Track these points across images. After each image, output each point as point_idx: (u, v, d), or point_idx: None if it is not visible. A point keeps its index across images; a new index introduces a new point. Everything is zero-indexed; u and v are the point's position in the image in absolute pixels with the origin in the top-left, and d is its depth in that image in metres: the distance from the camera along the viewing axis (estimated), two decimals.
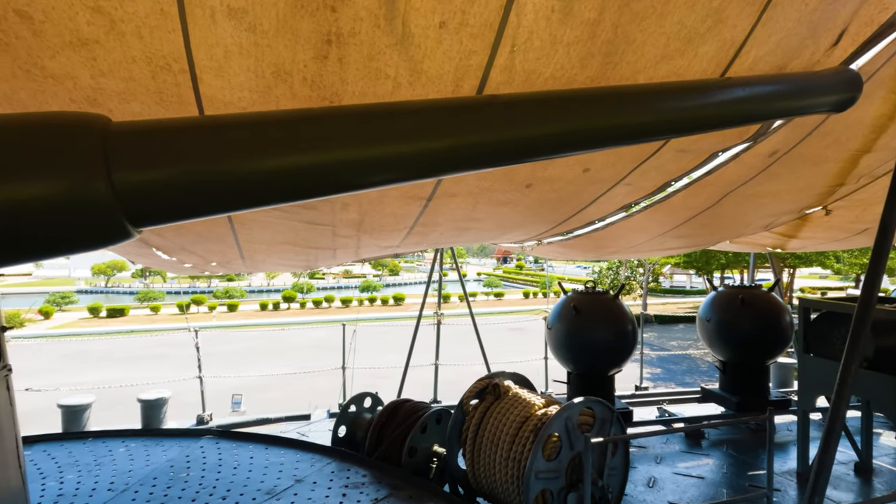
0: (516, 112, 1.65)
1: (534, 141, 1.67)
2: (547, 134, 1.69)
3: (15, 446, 2.46)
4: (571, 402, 3.55)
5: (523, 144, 1.65)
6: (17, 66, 2.23)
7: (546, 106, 1.71)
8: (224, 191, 1.47)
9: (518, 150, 1.66)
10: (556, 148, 1.75)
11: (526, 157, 1.71)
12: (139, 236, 1.46)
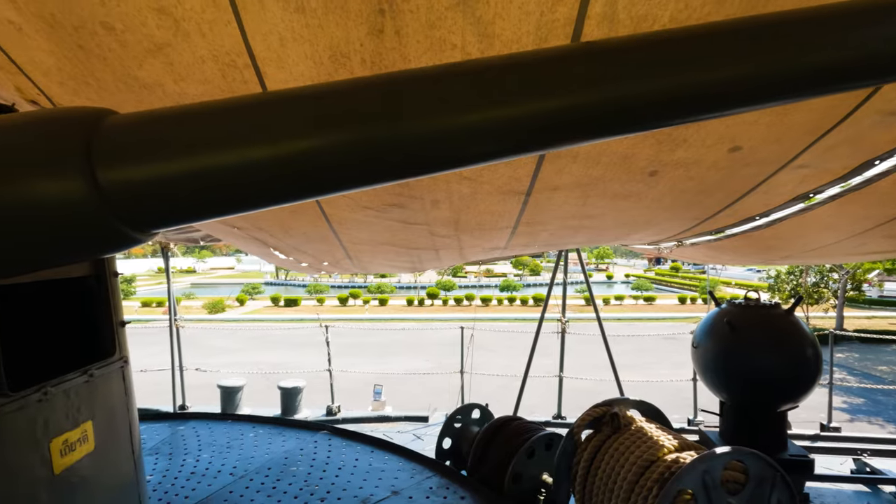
0: (650, 54, 1.07)
1: (682, 94, 1.07)
2: (707, 83, 1.07)
3: (129, 433, 2.65)
4: (713, 452, 2.75)
5: (658, 101, 1.07)
6: (118, 78, 2.38)
7: (709, 41, 1.08)
8: (239, 183, 1.19)
9: (651, 109, 1.09)
10: (724, 102, 1.11)
11: (661, 120, 1.12)
12: (151, 238, 1.32)
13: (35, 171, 1.08)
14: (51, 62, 2.34)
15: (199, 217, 1.25)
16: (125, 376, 2.65)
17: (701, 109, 1.14)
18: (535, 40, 1.91)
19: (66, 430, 2.10)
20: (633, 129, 1.13)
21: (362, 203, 3.16)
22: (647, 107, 1.10)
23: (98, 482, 2.28)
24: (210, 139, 1.12)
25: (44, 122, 1.14)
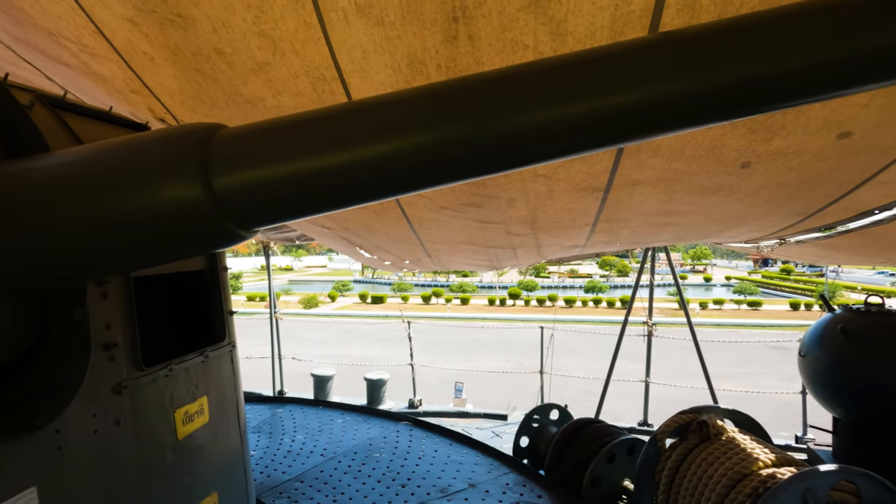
0: (737, 39, 1.00)
1: (774, 79, 0.99)
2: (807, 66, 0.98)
3: (236, 412, 2.98)
4: (816, 469, 2.49)
5: (753, 86, 1.00)
6: (228, 96, 2.70)
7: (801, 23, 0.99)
8: (329, 185, 1.32)
9: (745, 95, 1.02)
10: (824, 85, 1.01)
11: (754, 107, 1.04)
12: (253, 235, 1.50)
13: (164, 179, 1.28)
14: (175, 85, 2.72)
15: (293, 216, 1.40)
16: (233, 359, 2.98)
17: (803, 93, 1.06)
18: (610, 34, 1.88)
19: (187, 402, 2.42)
20: (723, 117, 1.09)
21: (440, 203, 3.28)
22: (739, 94, 1.05)
23: (211, 451, 2.59)
24: (302, 147, 1.26)
25: (168, 139, 1.34)
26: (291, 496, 3.69)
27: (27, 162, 1.45)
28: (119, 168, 1.32)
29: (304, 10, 1.99)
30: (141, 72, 2.70)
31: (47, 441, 1.68)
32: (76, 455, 1.78)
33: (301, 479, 3.95)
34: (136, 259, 1.51)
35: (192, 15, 2.15)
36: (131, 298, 2.09)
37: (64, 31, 2.57)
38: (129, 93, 2.97)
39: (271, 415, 5.51)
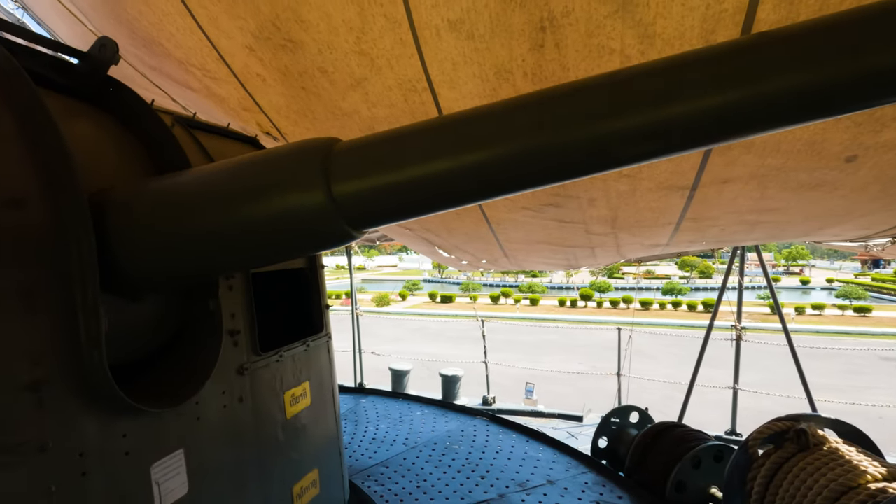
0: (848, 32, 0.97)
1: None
2: None
3: (332, 396, 3.25)
4: None
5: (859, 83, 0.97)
6: (328, 109, 2.97)
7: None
8: (428, 192, 1.44)
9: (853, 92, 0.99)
10: None
11: (858, 104, 1.00)
12: (361, 237, 1.68)
13: (293, 187, 1.48)
14: (282, 102, 3.04)
15: (399, 218, 1.56)
16: (329, 349, 3.25)
17: None
18: (700, 34, 1.88)
19: (293, 386, 2.70)
20: (824, 115, 1.07)
21: (520, 204, 3.37)
22: (843, 93, 1.03)
23: (312, 432, 2.86)
24: (407, 157, 1.41)
25: (295, 153, 1.54)
26: (378, 479, 3.94)
27: (176, 177, 1.72)
28: (256, 180, 1.54)
29: (400, 29, 2.17)
30: (253, 91, 3.05)
31: (190, 412, 1.97)
32: (210, 425, 2.07)
33: (386, 464, 4.20)
34: (266, 256, 1.76)
35: (301, 40, 2.42)
36: (251, 292, 2.38)
37: (192, 59, 2.97)
38: (242, 110, 3.35)
39: (355, 404, 5.86)
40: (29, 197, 1.43)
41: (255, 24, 2.42)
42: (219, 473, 2.06)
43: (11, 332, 1.34)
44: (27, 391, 1.37)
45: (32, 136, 1.49)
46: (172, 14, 2.61)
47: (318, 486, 2.84)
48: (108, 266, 1.57)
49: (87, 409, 1.53)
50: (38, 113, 1.50)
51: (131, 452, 1.67)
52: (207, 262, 1.73)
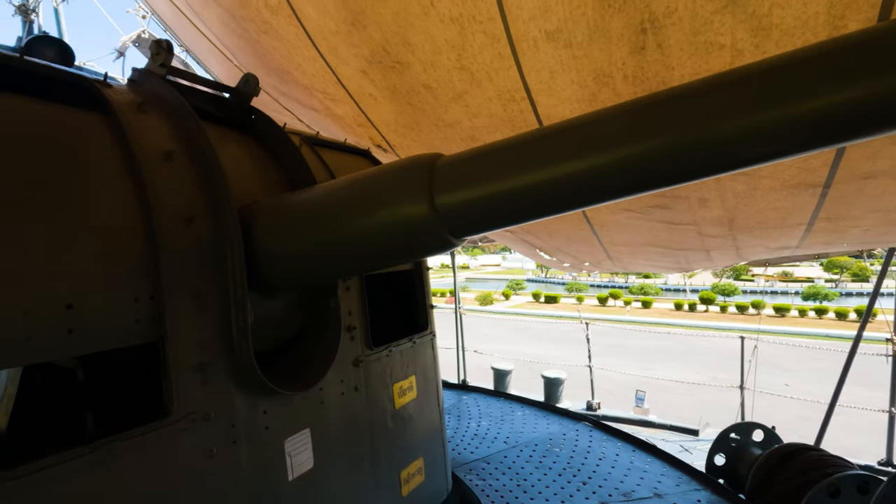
0: None
1: None
2: None
3: (436, 391, 3.44)
4: None
5: None
6: (432, 122, 3.16)
7: None
8: (526, 202, 1.49)
9: None
10: None
11: None
12: (462, 244, 1.81)
13: (401, 200, 1.63)
14: (391, 118, 3.30)
15: (497, 226, 1.65)
16: (433, 347, 3.44)
17: None
18: (826, 20, 1.72)
19: (401, 379, 2.92)
20: None
21: (623, 206, 3.27)
22: None
23: (418, 423, 3.05)
24: (504, 169, 1.49)
25: (403, 169, 1.69)
26: (479, 474, 4.08)
27: (304, 193, 1.98)
28: (368, 195, 1.73)
29: (498, 44, 2.26)
30: (366, 109, 3.35)
31: (315, 397, 2.24)
32: (331, 409, 2.33)
33: (487, 460, 4.32)
34: (378, 262, 1.96)
35: (408, 60, 2.62)
36: (364, 292, 2.63)
37: (316, 84, 3.35)
38: (356, 126, 3.69)
39: (458, 400, 6.07)
40: (197, 214, 1.77)
41: (368, 50, 2.67)
42: (338, 453, 2.32)
43: (186, 323, 1.67)
44: (195, 371, 1.70)
45: (199, 164, 1.84)
46: (300, 47, 2.97)
47: (423, 474, 3.03)
48: (251, 269, 1.87)
49: (237, 388, 1.84)
50: (203, 145, 1.85)
51: (270, 427, 1.97)
52: (329, 267, 1.97)
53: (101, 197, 1.55)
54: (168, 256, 1.64)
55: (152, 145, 1.75)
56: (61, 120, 1.58)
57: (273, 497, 1.96)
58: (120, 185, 1.61)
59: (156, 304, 1.60)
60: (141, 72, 2.03)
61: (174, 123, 1.89)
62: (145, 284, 1.59)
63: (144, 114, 1.83)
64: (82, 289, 1.43)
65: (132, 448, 1.48)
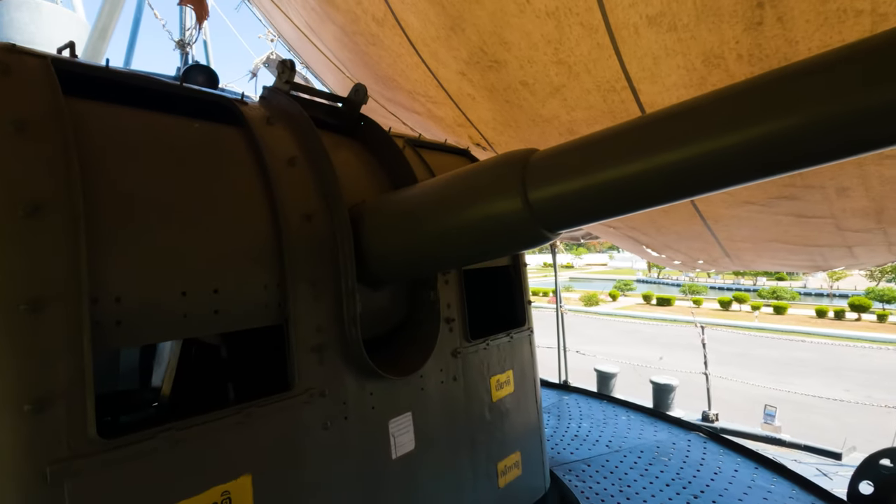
0: None
1: None
2: None
3: (534, 387, 3.45)
4: None
5: None
6: (529, 118, 3.18)
7: None
8: (626, 192, 1.42)
9: None
10: None
11: None
12: (557, 237, 1.81)
13: (495, 196, 1.68)
14: (489, 116, 3.37)
15: (592, 220, 1.63)
16: (531, 343, 3.44)
17: None
18: None
19: (498, 372, 2.97)
20: None
21: (742, 198, 2.99)
22: None
23: (515, 417, 3.08)
24: (599, 162, 1.47)
25: (497, 166, 1.74)
26: (580, 475, 3.99)
27: (406, 191, 2.12)
28: (465, 192, 1.81)
29: (597, 34, 2.22)
30: (465, 109, 3.45)
31: (416, 383, 2.38)
32: (431, 396, 2.46)
33: (588, 462, 4.21)
34: (474, 256, 2.03)
35: (504, 59, 2.67)
36: (462, 286, 2.72)
37: (418, 89, 3.53)
38: (456, 126, 3.82)
39: (558, 400, 5.96)
40: (315, 212, 1.99)
41: (466, 53, 2.77)
42: (437, 438, 2.45)
43: (306, 309, 1.89)
44: (314, 352, 1.92)
45: (317, 168, 2.07)
46: (403, 55, 3.16)
47: (521, 469, 3.06)
48: (360, 262, 2.06)
49: (348, 370, 2.04)
50: (319, 151, 2.07)
51: (376, 407, 2.14)
52: (429, 260, 2.09)
53: (240, 198, 1.82)
54: (291, 249, 1.87)
55: (279, 153, 2.01)
56: (211, 135, 1.88)
57: (379, 473, 2.13)
58: (254, 187, 1.88)
59: (281, 292, 1.84)
60: (269, 89, 2.33)
61: (296, 133, 2.15)
62: (273, 274, 1.83)
63: (272, 126, 2.10)
64: (225, 276, 1.70)
65: (264, 414, 1.72)
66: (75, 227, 1.37)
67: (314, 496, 1.86)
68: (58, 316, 1.32)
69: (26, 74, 1.47)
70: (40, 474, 1.25)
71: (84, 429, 1.32)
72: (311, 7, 3.60)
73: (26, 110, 1.40)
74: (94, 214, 1.43)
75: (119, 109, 1.70)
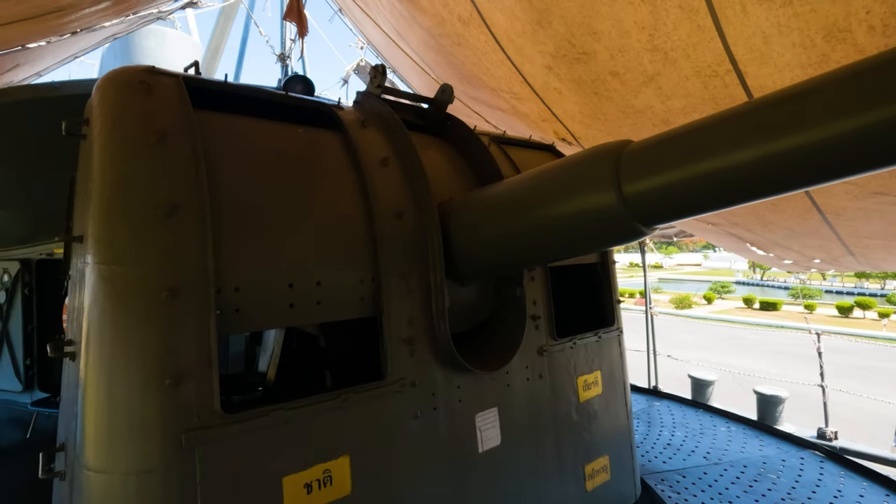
0: None
1: None
2: None
3: (623, 391, 3.32)
4: None
5: None
6: (618, 109, 3.05)
7: None
8: (726, 185, 1.34)
9: None
10: None
11: None
12: (652, 233, 1.72)
13: (587, 190, 1.64)
14: (576, 109, 3.29)
15: (693, 213, 1.53)
16: (620, 344, 3.31)
17: None
18: None
19: (585, 372, 2.89)
20: None
21: (871, 188, 2.64)
22: None
23: (603, 420, 2.98)
24: (700, 152, 1.38)
25: (588, 159, 1.69)
26: (674, 486, 3.76)
27: (492, 188, 2.13)
28: (553, 187, 1.78)
29: (697, 16, 2.08)
30: (551, 104, 3.39)
31: (501, 379, 2.39)
32: (517, 393, 2.45)
33: (682, 473, 3.95)
34: (562, 252, 1.99)
35: (593, 50, 2.59)
36: (548, 283, 2.68)
37: (502, 86, 3.53)
38: (541, 121, 3.76)
39: (648, 406, 5.66)
40: (406, 210, 2.07)
41: (553, 46, 2.72)
42: (523, 434, 2.44)
43: (398, 303, 1.98)
44: (405, 343, 1.99)
45: (407, 167, 2.15)
46: (489, 52, 3.18)
47: (609, 473, 2.96)
48: (447, 258, 2.10)
49: (436, 362, 2.09)
50: (410, 151, 2.15)
51: (463, 401, 2.18)
52: (515, 256, 2.09)
53: (339, 196, 1.95)
54: (384, 245, 1.97)
55: (372, 154, 2.12)
56: (312, 138, 2.03)
57: (466, 465, 2.17)
58: (350, 186, 2.00)
59: (375, 285, 1.94)
60: (363, 94, 2.45)
61: (388, 134, 2.25)
62: (368, 268, 1.94)
63: (366, 128, 2.22)
64: (326, 270, 1.82)
65: (360, 400, 1.83)
66: (203, 226, 1.54)
67: (405, 482, 1.94)
68: (190, 303, 1.50)
69: (164, 91, 1.69)
70: (176, 440, 1.43)
71: (211, 403, 1.49)
72: (398, 12, 3.73)
73: (165, 123, 1.60)
74: (217, 214, 1.61)
75: (234, 118, 1.89)
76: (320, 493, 1.70)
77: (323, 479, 1.72)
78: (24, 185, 3.95)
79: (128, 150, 1.55)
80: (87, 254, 1.51)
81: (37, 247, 5.73)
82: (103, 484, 1.43)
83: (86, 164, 1.64)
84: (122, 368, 1.44)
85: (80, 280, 1.59)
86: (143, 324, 1.46)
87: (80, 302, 1.56)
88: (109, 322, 1.46)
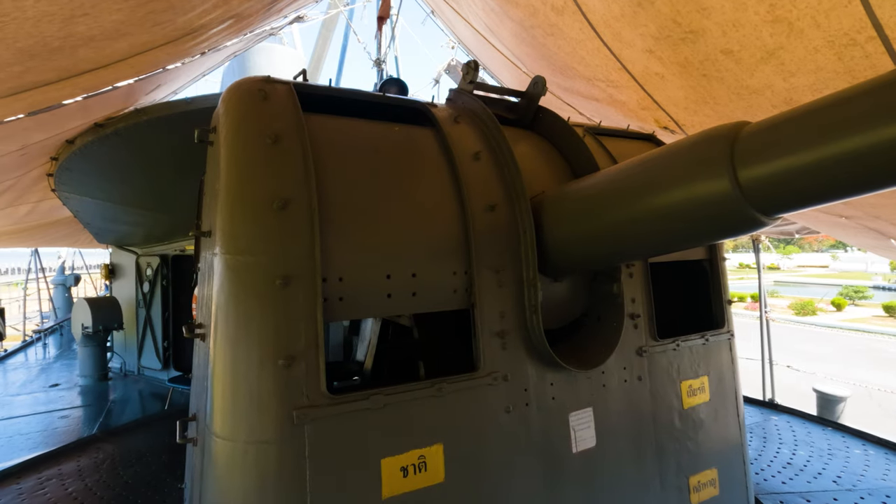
0: None
1: None
2: None
3: (734, 399, 3.04)
4: None
5: None
6: (730, 91, 2.79)
7: None
8: (865, 167, 1.17)
9: None
10: None
11: None
12: (772, 224, 1.54)
13: (696, 175, 1.51)
14: (680, 95, 3.06)
15: (820, 201, 1.35)
16: (731, 348, 3.03)
17: None
18: None
19: (690, 377, 2.69)
20: None
21: None
22: None
23: (711, 430, 2.74)
24: (835, 128, 1.20)
25: (698, 144, 1.56)
26: None
27: (587, 179, 2.05)
28: (657, 175, 1.67)
29: None
30: (652, 90, 3.19)
31: (597, 378, 2.30)
32: (613, 394, 2.34)
33: (807, 497, 3.52)
34: (666, 245, 1.86)
35: (702, 27, 2.39)
36: (649, 280, 2.53)
37: (597, 74, 3.39)
38: (640, 110, 3.55)
39: (763, 419, 5.12)
40: (498, 203, 2.07)
41: (655, 27, 2.55)
42: (620, 438, 2.32)
43: (490, 296, 1.98)
44: (497, 337, 1.99)
45: (500, 161, 2.15)
46: (583, 40, 3.06)
47: (717, 488, 2.73)
48: (541, 252, 2.07)
49: (529, 357, 2.07)
50: (502, 145, 2.15)
51: (556, 398, 2.13)
52: (613, 250, 2.00)
53: (434, 190, 1.99)
54: (477, 239, 1.98)
55: (465, 148, 2.14)
56: (408, 136, 2.10)
57: (559, 463, 2.12)
58: (444, 180, 2.04)
59: (468, 278, 1.96)
60: (455, 91, 2.49)
61: (480, 129, 2.26)
62: (461, 261, 1.96)
63: (458, 124, 2.25)
64: (421, 261, 1.88)
65: (453, 390, 1.86)
66: (312, 219, 1.66)
67: (497, 475, 1.94)
68: (300, 291, 1.62)
69: (278, 98, 1.84)
70: (289, 416, 1.56)
71: (318, 384, 1.60)
72: (490, 8, 3.73)
73: (279, 126, 1.75)
74: (323, 208, 1.73)
75: (337, 119, 2.02)
76: (416, 477, 1.75)
77: (418, 465, 1.77)
78: (170, 190, 4.55)
79: (249, 150, 1.72)
80: (216, 245, 1.70)
81: (173, 244, 6.56)
82: (228, 450, 1.60)
83: (213, 166, 1.85)
84: (243, 348, 1.60)
85: (209, 270, 1.79)
86: (262, 308, 1.61)
87: (210, 289, 1.75)
88: (234, 306, 1.63)
